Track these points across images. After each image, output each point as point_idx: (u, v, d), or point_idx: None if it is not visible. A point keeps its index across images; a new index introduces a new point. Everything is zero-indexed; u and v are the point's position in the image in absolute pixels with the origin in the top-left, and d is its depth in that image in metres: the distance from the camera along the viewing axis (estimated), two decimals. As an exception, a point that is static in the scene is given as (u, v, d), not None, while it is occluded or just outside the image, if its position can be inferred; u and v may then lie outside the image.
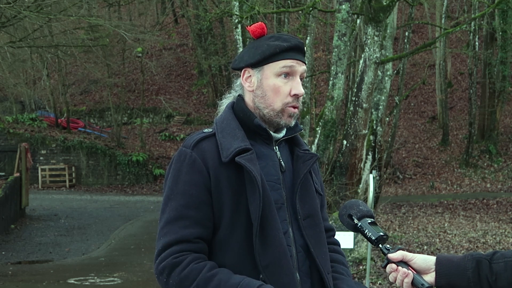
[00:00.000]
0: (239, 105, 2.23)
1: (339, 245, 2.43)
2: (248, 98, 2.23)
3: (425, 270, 1.99)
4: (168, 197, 2.13)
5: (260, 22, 2.25)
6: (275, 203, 2.13)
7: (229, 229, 2.10)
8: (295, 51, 2.19)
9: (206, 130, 2.21)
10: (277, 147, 2.23)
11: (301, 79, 2.21)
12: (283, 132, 2.25)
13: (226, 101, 2.30)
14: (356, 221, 2.06)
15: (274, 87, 2.17)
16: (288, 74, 2.18)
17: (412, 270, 1.98)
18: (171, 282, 2.07)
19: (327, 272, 2.20)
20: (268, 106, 2.18)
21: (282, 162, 2.21)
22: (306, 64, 2.24)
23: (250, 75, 2.21)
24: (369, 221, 2.05)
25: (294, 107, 2.19)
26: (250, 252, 2.08)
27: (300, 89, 2.17)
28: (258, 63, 2.18)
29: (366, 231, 2.04)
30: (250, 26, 2.24)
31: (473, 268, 1.95)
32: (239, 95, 2.26)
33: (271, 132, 2.20)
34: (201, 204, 2.10)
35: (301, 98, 2.21)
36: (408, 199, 21.36)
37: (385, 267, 2.01)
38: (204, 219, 2.10)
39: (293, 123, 2.22)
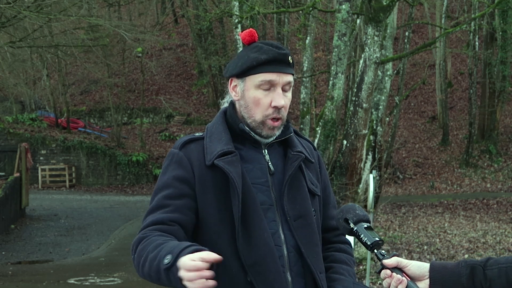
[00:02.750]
0: (229, 110, 2.28)
1: (349, 244, 2.42)
2: (237, 105, 2.27)
3: (419, 277, 1.99)
4: (154, 192, 2.23)
5: (250, 29, 2.25)
6: (263, 204, 2.16)
7: (216, 230, 2.14)
8: (275, 63, 2.17)
9: (197, 134, 2.27)
10: (266, 150, 2.25)
11: (284, 90, 2.20)
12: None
13: (225, 100, 2.34)
14: (352, 225, 2.06)
15: (254, 99, 2.19)
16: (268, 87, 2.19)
17: (406, 277, 1.98)
18: (135, 256, 2.10)
19: (319, 272, 2.21)
20: (251, 117, 2.21)
21: (270, 165, 2.23)
22: (293, 74, 2.22)
23: (236, 85, 2.24)
24: (365, 225, 2.05)
25: (275, 120, 2.19)
26: (236, 252, 2.11)
27: (279, 101, 2.17)
28: (240, 74, 2.21)
29: (361, 236, 2.03)
30: (241, 32, 2.26)
31: (467, 274, 1.96)
32: (231, 101, 2.30)
33: (257, 136, 2.22)
34: (183, 196, 2.16)
35: (283, 109, 2.20)
36: (408, 199, 21.36)
37: (379, 272, 2.01)
38: (184, 207, 2.15)
39: (276, 134, 2.23)
